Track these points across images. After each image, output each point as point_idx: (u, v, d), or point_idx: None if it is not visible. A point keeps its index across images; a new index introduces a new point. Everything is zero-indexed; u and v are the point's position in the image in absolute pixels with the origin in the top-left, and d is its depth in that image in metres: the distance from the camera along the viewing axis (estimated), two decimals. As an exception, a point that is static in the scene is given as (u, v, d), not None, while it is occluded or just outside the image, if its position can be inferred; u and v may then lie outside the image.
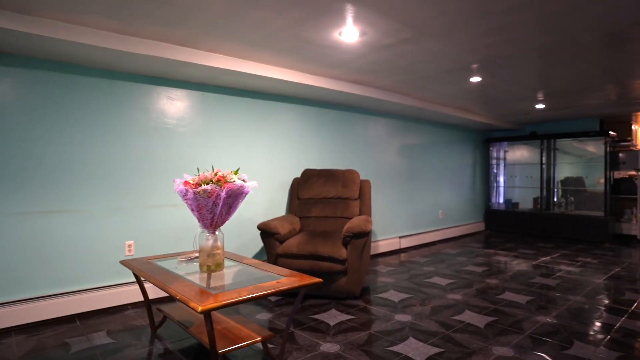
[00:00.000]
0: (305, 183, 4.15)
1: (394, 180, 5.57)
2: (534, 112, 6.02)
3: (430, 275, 4.15)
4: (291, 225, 3.71)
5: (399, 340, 2.52)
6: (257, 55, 3.22)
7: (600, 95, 4.91)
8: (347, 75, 3.84)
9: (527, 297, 3.39)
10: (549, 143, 6.98)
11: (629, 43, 2.98)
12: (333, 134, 4.79)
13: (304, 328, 2.73)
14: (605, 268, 4.47)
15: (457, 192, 6.85)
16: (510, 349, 2.39)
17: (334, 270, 3.29)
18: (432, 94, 4.70)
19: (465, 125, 6.87)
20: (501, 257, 5.05)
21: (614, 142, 6.71)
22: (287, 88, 3.91)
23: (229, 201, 2.30)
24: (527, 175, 7.39)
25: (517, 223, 7.03)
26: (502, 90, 4.59)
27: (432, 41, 2.90)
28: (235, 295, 1.84)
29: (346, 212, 3.97)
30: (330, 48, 3.05)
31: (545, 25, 2.61)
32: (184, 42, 2.88)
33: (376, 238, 5.25)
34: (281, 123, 4.27)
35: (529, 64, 3.52)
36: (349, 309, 3.11)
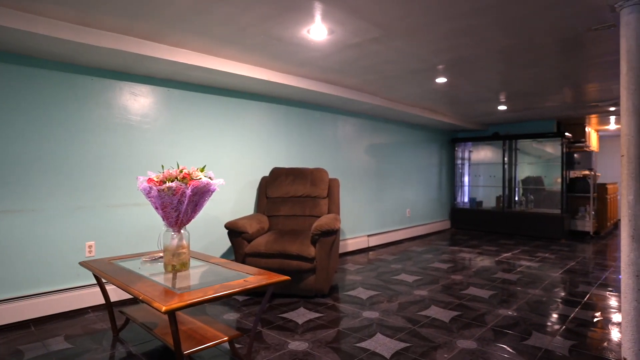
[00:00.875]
0: (274, 181, 4.13)
1: (362, 179, 5.63)
2: (497, 113, 6.24)
3: (398, 272, 4.22)
4: (259, 224, 3.68)
5: (367, 336, 2.55)
6: (225, 52, 3.17)
7: (557, 98, 5.15)
8: (315, 73, 3.84)
9: (489, 292, 3.51)
10: (510, 143, 7.26)
11: (583, 48, 3.14)
12: (302, 133, 4.78)
13: (272, 327, 2.71)
14: (561, 263, 4.69)
15: (424, 191, 7.01)
16: (473, 341, 2.47)
17: (303, 268, 3.28)
18: (399, 94, 4.79)
19: (432, 126, 7.03)
20: (466, 254, 5.20)
21: (570, 143, 7.06)
22: (255, 85, 3.87)
23: (195, 199, 2.25)
24: (491, 174, 7.66)
25: (481, 221, 7.27)
26: (466, 92, 4.73)
27: (399, 41, 2.95)
28: (201, 294, 1.80)
29: (315, 210, 3.97)
30: (298, 46, 3.04)
31: (506, 28, 2.71)
32: (148, 35, 2.79)
33: (345, 237, 5.29)
34: (250, 121, 4.22)
35: (492, 66, 3.65)
36: (317, 307, 3.12)
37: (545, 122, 7.10)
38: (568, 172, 6.87)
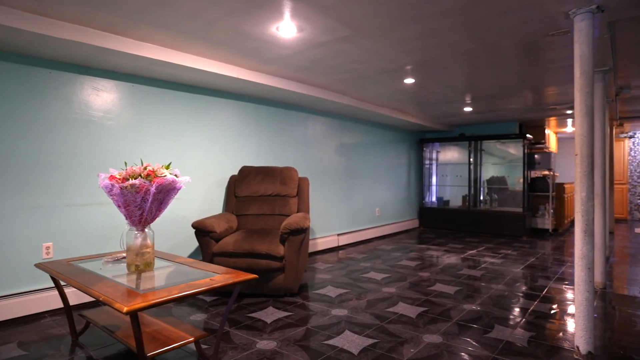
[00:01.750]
0: (243, 180, 4.08)
1: (332, 179, 5.66)
2: (463, 114, 6.43)
3: (367, 270, 4.26)
4: (228, 223, 3.62)
5: (335, 333, 2.56)
6: (192, 47, 3.10)
7: (519, 100, 5.36)
8: (285, 71, 3.83)
9: (455, 288, 3.60)
10: (475, 144, 7.49)
11: (541, 53, 3.28)
12: (272, 131, 4.75)
13: (240, 327, 2.67)
14: (522, 259, 4.88)
15: (393, 191, 7.12)
16: (439, 335, 2.52)
17: (272, 267, 3.26)
18: (369, 94, 4.84)
19: (401, 126, 7.15)
20: (433, 252, 5.32)
21: (531, 144, 7.36)
22: (224, 83, 3.82)
23: (160, 197, 2.19)
24: (457, 174, 7.88)
25: (448, 219, 7.47)
26: (433, 93, 4.84)
27: (367, 41, 2.98)
28: (165, 294, 1.75)
29: (284, 209, 3.95)
30: (267, 43, 3.02)
31: (469, 32, 2.79)
32: (111, 28, 2.69)
33: (315, 236, 5.30)
34: (218, 119, 4.15)
35: (457, 68, 3.75)
36: (286, 306, 3.10)
37: (508, 124, 7.37)
38: (529, 172, 7.17)
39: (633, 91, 4.77)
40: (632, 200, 9.10)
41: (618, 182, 8.96)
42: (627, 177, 9.06)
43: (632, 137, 9.01)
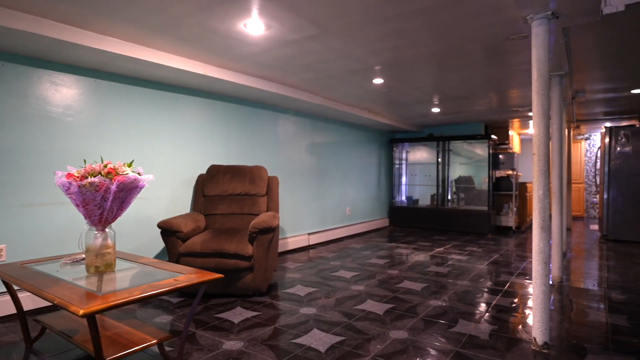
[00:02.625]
0: (211, 179, 4.02)
1: (303, 178, 5.66)
2: (431, 115, 6.57)
3: (337, 269, 4.29)
4: (195, 222, 3.56)
5: (303, 332, 2.56)
6: (158, 42, 3.02)
7: (485, 102, 5.53)
8: (254, 69, 3.79)
9: (422, 285, 3.68)
10: (444, 144, 7.67)
11: (504, 56, 3.39)
12: (241, 130, 4.70)
13: (206, 328, 2.63)
14: (487, 255, 5.04)
15: (364, 190, 7.19)
16: (405, 331, 2.57)
17: (240, 267, 3.23)
18: (338, 93, 4.87)
19: (371, 126, 7.24)
20: (402, 250, 5.42)
21: (496, 145, 7.61)
22: (191, 80, 3.74)
23: (121, 195, 2.12)
24: (426, 174, 8.04)
25: (417, 218, 7.61)
26: (402, 93, 4.92)
27: (336, 40, 3.00)
28: (126, 295, 1.70)
29: (253, 208, 3.92)
30: (235, 40, 2.98)
31: (435, 33, 2.86)
32: (70, 20, 2.58)
33: (285, 235, 5.28)
34: (186, 116, 4.07)
35: (424, 69, 3.83)
36: (255, 306, 3.08)
37: (474, 124, 7.60)
38: (494, 171, 7.41)
39: (588, 95, 5.02)
40: (588, 198, 9.57)
41: (575, 181, 9.41)
42: (583, 177, 9.53)
43: (588, 139, 9.47)
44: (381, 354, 2.24)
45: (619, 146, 6.15)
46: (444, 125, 7.88)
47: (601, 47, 3.21)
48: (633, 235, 6.08)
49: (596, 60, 3.59)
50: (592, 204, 9.55)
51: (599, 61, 3.61)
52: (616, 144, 6.18)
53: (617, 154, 6.18)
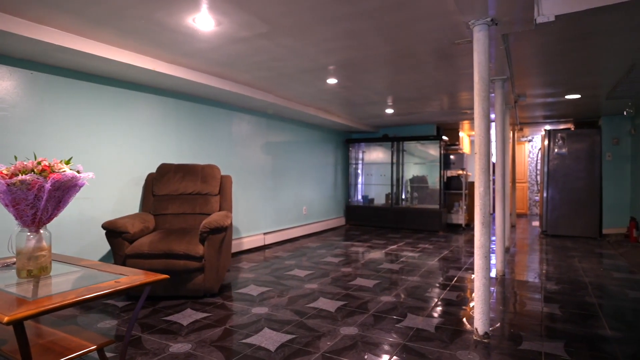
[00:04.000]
0: (162, 178, 3.88)
1: (258, 177, 5.61)
2: (385, 116, 6.72)
3: (291, 268, 4.29)
4: (143, 223, 3.43)
5: (254, 332, 2.54)
6: (101, 34, 2.88)
7: (436, 104, 5.73)
8: (205, 66, 3.71)
9: (374, 281, 3.76)
10: (398, 145, 7.88)
11: (452, 59, 3.53)
12: (194, 128, 4.58)
13: (153, 331, 2.54)
14: (437, 252, 5.23)
15: (320, 189, 7.24)
16: (355, 327, 2.61)
17: (191, 268, 3.14)
18: (293, 92, 4.87)
19: (327, 126, 7.29)
20: (357, 248, 5.50)
21: (447, 145, 7.92)
22: (140, 75, 3.60)
23: (58, 194, 2.00)
24: (382, 173, 8.22)
25: (373, 217, 7.76)
26: (356, 94, 5.00)
27: (287, 39, 2.99)
28: (59, 299, 1.60)
29: (205, 208, 3.83)
30: (185, 35, 2.90)
31: (385, 35, 2.92)
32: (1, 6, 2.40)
33: (240, 235, 5.21)
34: (135, 113, 3.91)
35: (377, 70, 3.91)
36: (205, 307, 3.01)
37: (427, 126, 7.86)
38: (445, 171, 7.70)
39: (529, 99, 5.34)
40: (531, 197, 10.19)
41: (519, 181, 9.98)
42: (527, 177, 10.13)
43: (530, 141, 10.08)
44: (330, 351, 2.26)
45: (556, 148, 6.60)
46: (398, 126, 8.09)
47: (537, 54, 3.43)
48: (568, 230, 6.54)
49: (534, 67, 3.82)
50: (534, 202, 10.17)
51: (536, 67, 3.85)
52: (554, 145, 6.62)
53: (554, 155, 6.62)
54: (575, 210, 6.50)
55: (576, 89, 4.76)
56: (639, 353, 2.26)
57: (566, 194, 6.56)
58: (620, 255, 5.00)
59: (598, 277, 3.95)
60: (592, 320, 2.76)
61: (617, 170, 6.51)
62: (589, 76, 4.16)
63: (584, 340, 2.43)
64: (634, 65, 3.68)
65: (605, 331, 2.57)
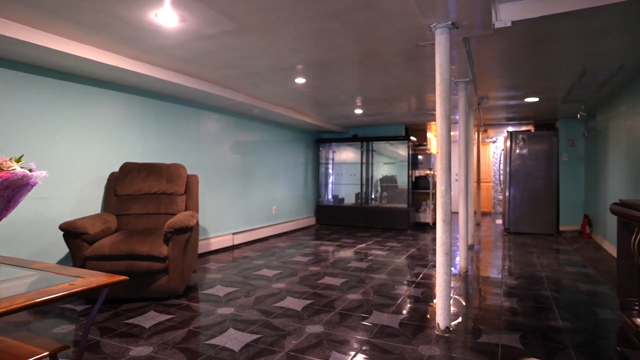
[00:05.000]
0: (125, 178, 3.77)
1: (227, 177, 5.54)
2: (355, 116, 6.79)
3: (260, 268, 4.26)
4: (104, 223, 3.32)
5: (219, 332, 2.51)
6: (59, 28, 2.77)
7: (404, 105, 5.84)
8: (171, 63, 3.63)
9: (342, 280, 3.79)
10: (367, 145, 7.97)
11: (418, 61, 3.61)
12: (160, 127, 4.47)
13: (113, 335, 2.46)
14: (405, 250, 5.34)
15: (290, 189, 7.23)
16: (321, 326, 2.63)
17: (154, 269, 3.07)
18: (262, 91, 4.84)
19: (297, 126, 7.29)
20: (326, 247, 5.53)
21: (415, 146, 8.08)
22: (102, 71, 3.48)
23: (7, 194, 1.91)
24: (352, 173, 8.30)
25: (343, 216, 7.82)
26: (325, 94, 5.03)
27: (254, 37, 2.98)
28: (7, 304, 1.53)
29: (171, 208, 3.76)
30: (148, 31, 2.83)
31: (352, 36, 2.96)
32: (-56, -5, 2.27)
33: (208, 235, 5.13)
34: (97, 110, 3.77)
35: (345, 71, 3.95)
36: (169, 309, 2.95)
37: (395, 126, 7.99)
38: (413, 171, 7.86)
39: (491, 101, 5.53)
40: (495, 196, 10.55)
41: (484, 180, 10.31)
42: (491, 177, 10.48)
43: (495, 142, 10.44)
44: (295, 349, 2.27)
45: (517, 149, 6.87)
46: (368, 127, 8.19)
47: (498, 58, 3.56)
48: (528, 227, 6.82)
49: (495, 70, 3.97)
50: (498, 201, 10.53)
51: (497, 71, 3.99)
52: (515, 146, 6.88)
53: (516, 155, 6.89)
54: (535, 209, 6.78)
55: (535, 92, 4.97)
56: (586, 342, 2.39)
57: (527, 193, 6.83)
58: (575, 251, 5.26)
59: (554, 271, 4.14)
60: (546, 313, 2.89)
61: (572, 171, 6.85)
62: (545, 80, 4.35)
63: (538, 331, 2.54)
64: (585, 70, 3.88)
65: (557, 322, 2.70)
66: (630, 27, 2.80)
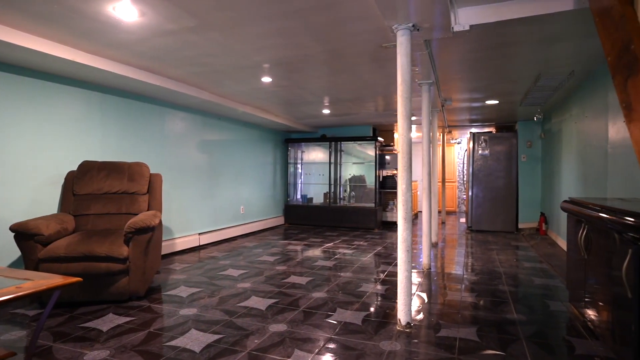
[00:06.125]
0: (84, 177, 3.64)
1: (194, 176, 5.44)
2: (322, 116, 6.83)
3: (226, 268, 4.21)
4: (60, 224, 3.18)
5: (180, 334, 2.46)
6: (9, 19, 2.63)
7: (371, 105, 5.92)
8: (132, 59, 3.53)
9: (308, 279, 3.80)
10: (336, 145, 8.03)
11: (383, 62, 3.67)
12: (122, 124, 4.34)
13: (67, 339, 2.37)
14: (371, 248, 5.41)
15: (259, 189, 7.18)
16: (284, 324, 2.63)
17: (114, 270, 2.98)
18: (228, 90, 4.78)
19: (265, 125, 7.25)
20: (294, 247, 5.53)
21: (382, 146, 8.21)
22: (58, 65, 3.34)
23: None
24: (320, 173, 8.33)
25: (311, 216, 7.84)
26: (292, 93, 5.03)
27: (217, 34, 2.94)
28: (-54, 308, 1.45)
29: (132, 207, 3.65)
30: (107, 24, 2.74)
31: (316, 35, 2.97)
32: None
33: (173, 236, 5.02)
34: (53, 107, 3.61)
35: (311, 70, 3.96)
36: (129, 311, 2.87)
37: (363, 127, 8.10)
38: (381, 171, 7.99)
39: (455, 103, 5.70)
40: (460, 195, 10.88)
41: (449, 180, 10.61)
42: (456, 177, 10.80)
43: (459, 143, 10.76)
44: (257, 348, 2.26)
45: (480, 149, 7.11)
46: (337, 127, 8.25)
47: (460, 61, 3.67)
48: (490, 225, 7.08)
49: (457, 73, 4.09)
50: (462, 200, 10.86)
51: (459, 73, 4.12)
52: (478, 147, 7.12)
53: (478, 156, 7.13)
54: (496, 207, 7.04)
55: (495, 95, 5.17)
56: (537, 332, 2.51)
57: (488, 192, 7.08)
58: (531, 247, 5.51)
59: (511, 267, 4.32)
60: (503, 306, 3.01)
61: (530, 171, 7.16)
62: (505, 84, 4.53)
63: (494, 324, 2.65)
64: (540, 75, 4.07)
65: (512, 315, 2.82)
66: (578, 35, 2.97)
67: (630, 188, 3.07)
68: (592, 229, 2.38)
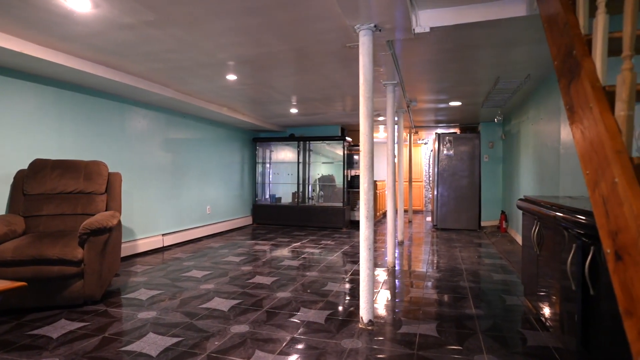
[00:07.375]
0: (35, 176, 3.46)
1: (157, 176, 5.29)
2: (290, 116, 6.80)
3: (189, 269, 4.12)
4: (8, 226, 3.01)
5: (136, 338, 2.38)
6: (-52, 6, 2.47)
7: (338, 105, 5.95)
8: (88, 53, 3.39)
9: (273, 278, 3.78)
10: (304, 145, 8.02)
11: (347, 62, 3.69)
12: (79, 121, 4.15)
13: (12, 349, 2.24)
14: (338, 247, 5.44)
15: (226, 188, 7.07)
16: (246, 325, 2.60)
17: (67, 274, 2.85)
18: (192, 87, 4.68)
19: (233, 124, 7.15)
20: (261, 247, 5.48)
21: (351, 146, 8.27)
22: (7, 58, 3.16)
23: None
24: (289, 172, 8.30)
25: (280, 215, 7.80)
26: (259, 92, 4.97)
27: (179, 30, 2.87)
28: None
29: (89, 208, 3.51)
30: (59, 15, 2.62)
31: (279, 33, 2.95)
32: None
33: (135, 237, 4.86)
34: (3, 102, 3.41)
35: (277, 69, 3.93)
36: (83, 316, 2.75)
37: (332, 127, 8.13)
38: (349, 171, 8.04)
39: (420, 104, 5.82)
40: (426, 194, 11.13)
41: (416, 180, 10.83)
42: (423, 176, 11.03)
43: (426, 144, 11.00)
44: (217, 350, 2.22)
45: (445, 150, 7.29)
46: (305, 127, 8.24)
47: (423, 62, 3.75)
48: (454, 224, 7.27)
49: (421, 74, 4.17)
50: (429, 199, 11.11)
51: (423, 75, 4.20)
52: (443, 147, 7.30)
53: (443, 156, 7.31)
54: (460, 206, 7.24)
55: (458, 96, 5.31)
56: (493, 326, 2.59)
57: (453, 191, 7.27)
58: (492, 244, 5.70)
59: (472, 264, 4.45)
60: (462, 302, 3.09)
61: (492, 170, 7.42)
62: (467, 86, 4.66)
63: (453, 319, 2.72)
64: (499, 78, 4.22)
65: (471, 310, 2.90)
66: (533, 40, 3.09)
67: (579, 186, 3.23)
68: (543, 226, 2.48)
